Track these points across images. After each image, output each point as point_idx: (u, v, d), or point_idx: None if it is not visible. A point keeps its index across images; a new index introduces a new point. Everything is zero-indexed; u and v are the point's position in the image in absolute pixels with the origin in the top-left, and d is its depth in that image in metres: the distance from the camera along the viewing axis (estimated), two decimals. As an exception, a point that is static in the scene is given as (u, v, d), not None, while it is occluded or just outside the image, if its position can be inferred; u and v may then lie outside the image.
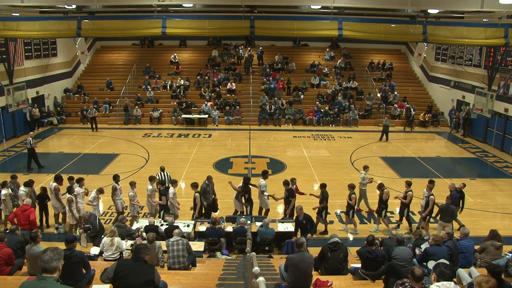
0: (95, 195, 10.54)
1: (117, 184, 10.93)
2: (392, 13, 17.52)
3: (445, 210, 10.33)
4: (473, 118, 21.79)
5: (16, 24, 16.76)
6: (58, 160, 17.37)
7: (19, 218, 9.17)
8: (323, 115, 24.32)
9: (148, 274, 5.19)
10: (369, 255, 6.87)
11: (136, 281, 5.08)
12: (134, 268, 5.18)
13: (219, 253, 9.23)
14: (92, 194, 10.58)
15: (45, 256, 3.64)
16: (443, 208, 10.36)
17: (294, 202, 10.75)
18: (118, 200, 10.92)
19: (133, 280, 5.08)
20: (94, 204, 10.52)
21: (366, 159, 17.87)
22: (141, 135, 21.68)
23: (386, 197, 10.88)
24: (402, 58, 30.65)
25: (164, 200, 10.68)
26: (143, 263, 5.34)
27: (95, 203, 10.54)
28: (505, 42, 16.58)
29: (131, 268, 5.18)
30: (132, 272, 5.13)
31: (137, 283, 5.07)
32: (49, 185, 10.87)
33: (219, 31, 18.85)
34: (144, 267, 5.27)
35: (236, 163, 17.18)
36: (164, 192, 10.71)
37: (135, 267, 5.20)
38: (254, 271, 5.50)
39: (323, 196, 10.69)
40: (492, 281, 4.85)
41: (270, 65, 28.23)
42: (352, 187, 10.99)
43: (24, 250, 7.59)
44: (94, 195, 10.54)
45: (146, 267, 5.32)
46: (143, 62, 28.21)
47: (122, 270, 5.15)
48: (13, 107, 19.56)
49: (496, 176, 16.45)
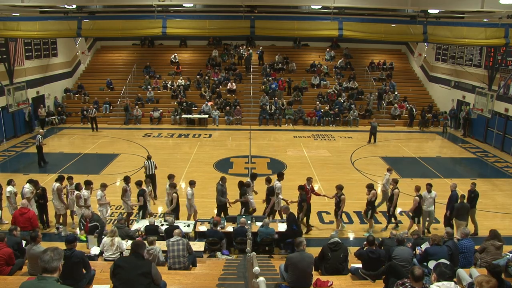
0: (101, 193, 10.57)
1: (127, 185, 10.93)
2: (393, 13, 17.51)
3: (460, 209, 10.30)
4: (474, 118, 21.78)
5: (17, 24, 16.76)
6: (58, 160, 17.37)
7: (18, 222, 9.11)
8: (323, 115, 24.31)
9: (144, 267, 5.31)
10: (372, 255, 6.87)
11: (132, 274, 5.20)
12: (131, 262, 5.33)
13: (220, 253, 9.22)
14: (98, 193, 10.58)
15: (45, 256, 3.64)
16: (458, 207, 10.33)
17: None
18: (127, 201, 10.92)
19: (129, 273, 5.20)
20: (105, 202, 10.63)
21: (366, 159, 17.88)
22: (142, 135, 21.68)
23: (373, 198, 10.84)
24: (403, 58, 30.65)
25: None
26: (141, 258, 5.47)
27: (103, 200, 10.63)
28: (505, 42, 16.57)
29: (128, 263, 5.33)
30: (129, 266, 5.26)
31: (133, 275, 5.19)
32: (52, 185, 10.85)
33: (219, 31, 18.83)
34: (141, 261, 5.42)
35: (236, 163, 17.18)
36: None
37: (132, 262, 5.35)
38: (254, 271, 5.50)
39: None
40: (493, 281, 4.84)
41: (270, 65, 28.23)
42: (340, 188, 10.81)
43: (21, 251, 7.59)
44: (100, 192, 10.57)
45: (143, 261, 5.47)
46: (143, 62, 28.21)
47: (119, 266, 5.29)
48: (13, 107, 19.56)
49: (497, 176, 16.45)
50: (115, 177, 15.06)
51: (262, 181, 11.59)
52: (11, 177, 11.41)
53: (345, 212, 12.26)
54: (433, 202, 10.88)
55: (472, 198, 11.03)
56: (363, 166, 16.79)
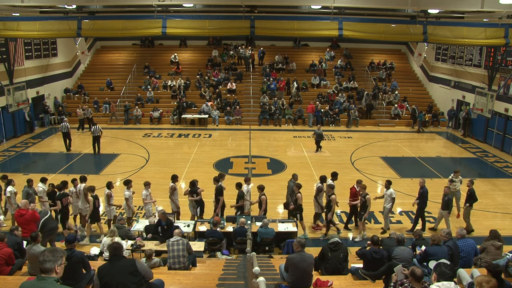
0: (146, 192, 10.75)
1: (174, 184, 10.92)
2: (392, 13, 17.50)
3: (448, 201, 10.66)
4: (474, 118, 21.79)
5: (17, 24, 16.77)
6: (58, 160, 17.38)
7: (19, 223, 9.05)
8: (323, 115, 24.30)
9: (130, 266, 5.25)
10: (375, 255, 6.86)
11: (121, 276, 5.13)
12: (115, 266, 5.23)
13: (220, 253, 9.22)
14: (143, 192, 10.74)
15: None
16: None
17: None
18: (176, 200, 10.98)
19: (118, 276, 5.13)
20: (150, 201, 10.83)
21: (366, 159, 17.88)
22: (141, 135, 21.68)
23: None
24: (402, 58, 30.65)
25: None
26: (122, 259, 5.40)
27: (149, 199, 10.81)
28: (505, 42, 16.59)
29: (112, 267, 5.22)
30: (115, 270, 5.17)
31: (122, 277, 5.12)
32: (77, 187, 10.71)
33: (219, 31, 18.86)
34: (124, 262, 5.33)
35: (236, 163, 17.18)
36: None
37: (115, 265, 5.24)
38: (254, 271, 5.49)
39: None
40: (493, 281, 4.84)
41: (270, 65, 28.23)
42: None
43: (22, 251, 7.58)
44: (146, 192, 10.74)
45: (125, 261, 5.39)
46: (143, 62, 28.22)
47: (105, 275, 5.17)
48: (13, 107, 19.56)
49: (497, 176, 16.45)
50: (115, 177, 15.05)
51: (260, 182, 11.58)
52: (11, 177, 11.42)
53: (344, 212, 12.29)
54: (391, 200, 10.80)
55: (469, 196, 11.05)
56: (363, 166, 16.80)
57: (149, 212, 10.86)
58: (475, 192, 11.13)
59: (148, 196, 10.84)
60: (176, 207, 11.09)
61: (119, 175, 15.15)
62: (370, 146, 20.21)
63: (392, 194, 10.80)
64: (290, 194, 10.97)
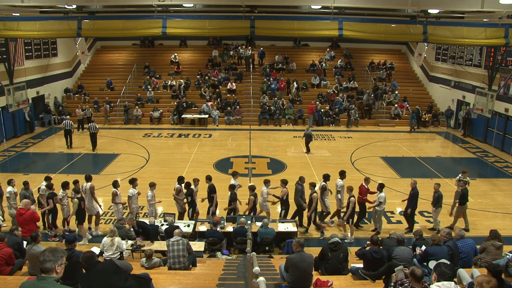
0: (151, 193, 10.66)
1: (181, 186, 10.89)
2: (393, 13, 17.50)
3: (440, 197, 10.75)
4: (474, 118, 21.78)
5: (17, 24, 16.77)
6: (58, 160, 17.39)
7: (18, 223, 9.03)
8: (323, 115, 24.30)
9: (110, 266, 5.07)
10: (376, 255, 6.87)
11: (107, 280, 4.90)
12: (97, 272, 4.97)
13: (220, 253, 9.22)
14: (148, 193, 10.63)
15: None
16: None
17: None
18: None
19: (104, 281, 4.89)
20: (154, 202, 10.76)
21: (366, 159, 17.88)
22: (142, 135, 21.68)
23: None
24: (403, 58, 30.65)
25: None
26: (99, 263, 5.20)
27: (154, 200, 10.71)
28: (506, 42, 16.58)
29: (95, 274, 4.97)
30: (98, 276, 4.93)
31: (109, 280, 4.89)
32: (82, 186, 10.63)
33: (219, 31, 18.85)
34: (102, 266, 5.15)
35: (236, 163, 17.17)
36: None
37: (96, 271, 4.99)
38: (254, 271, 5.49)
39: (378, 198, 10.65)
40: (493, 281, 4.83)
41: (270, 65, 28.23)
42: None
43: (22, 251, 7.58)
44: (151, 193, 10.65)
45: (104, 264, 5.26)
46: (143, 62, 28.22)
47: (91, 283, 4.91)
48: (13, 107, 19.55)
49: (497, 176, 16.45)
50: (115, 177, 15.02)
51: (261, 182, 11.57)
52: (11, 177, 11.40)
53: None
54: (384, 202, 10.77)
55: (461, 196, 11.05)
56: (363, 166, 16.79)
57: (153, 213, 10.79)
58: (467, 193, 11.13)
59: (153, 197, 10.82)
60: (181, 208, 11.07)
61: (119, 175, 15.13)
62: (370, 146, 20.21)
63: (381, 198, 10.72)
64: (300, 196, 10.91)
